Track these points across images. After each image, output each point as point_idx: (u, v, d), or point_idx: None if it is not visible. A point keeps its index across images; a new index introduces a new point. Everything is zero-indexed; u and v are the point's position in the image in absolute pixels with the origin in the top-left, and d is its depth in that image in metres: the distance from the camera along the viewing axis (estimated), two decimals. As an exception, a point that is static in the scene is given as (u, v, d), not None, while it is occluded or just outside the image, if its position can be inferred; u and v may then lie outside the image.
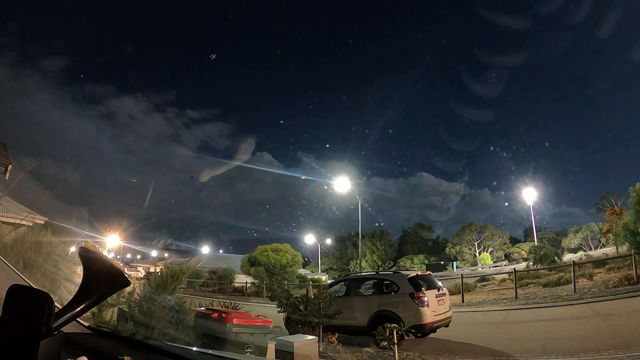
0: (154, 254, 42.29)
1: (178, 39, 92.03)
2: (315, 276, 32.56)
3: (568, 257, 27.28)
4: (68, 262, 6.70)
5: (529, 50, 63.60)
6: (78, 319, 1.32)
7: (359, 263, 29.17)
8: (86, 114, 76.36)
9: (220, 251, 45.21)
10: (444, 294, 8.60)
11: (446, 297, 8.70)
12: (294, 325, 8.13)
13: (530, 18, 56.31)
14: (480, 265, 37.64)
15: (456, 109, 65.40)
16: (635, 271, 13.64)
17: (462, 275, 20.15)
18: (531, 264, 24.51)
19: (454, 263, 39.85)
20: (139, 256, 49.40)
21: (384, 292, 8.55)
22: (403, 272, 9.01)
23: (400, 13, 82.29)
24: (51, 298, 0.89)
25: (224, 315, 6.89)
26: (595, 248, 32.77)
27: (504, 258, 39.06)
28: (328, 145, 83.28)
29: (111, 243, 26.68)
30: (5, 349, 0.86)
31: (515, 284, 15.77)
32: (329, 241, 46.48)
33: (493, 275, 22.55)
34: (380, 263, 42.63)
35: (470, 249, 40.41)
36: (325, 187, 35.14)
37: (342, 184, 24.37)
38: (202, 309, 7.90)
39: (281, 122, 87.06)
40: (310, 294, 9.62)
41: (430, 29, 77.87)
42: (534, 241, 33.33)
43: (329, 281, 23.85)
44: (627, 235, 18.65)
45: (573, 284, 14.47)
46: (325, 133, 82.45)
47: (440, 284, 8.95)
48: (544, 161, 63.25)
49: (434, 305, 7.95)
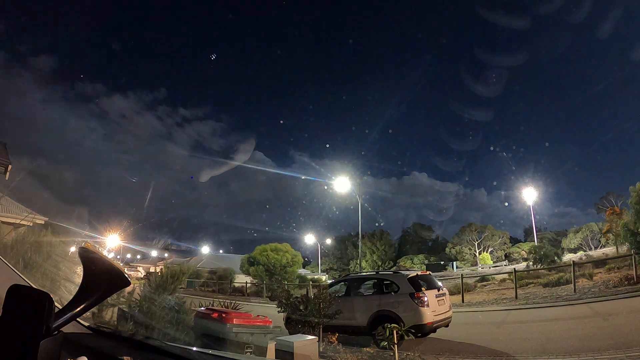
0: (154, 254, 42.33)
1: (178, 39, 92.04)
2: (315, 276, 32.56)
3: (568, 257, 27.29)
4: (68, 262, 6.70)
5: (529, 50, 63.86)
6: (78, 319, 1.32)
7: (359, 263, 29.15)
8: (84, 113, 76.42)
9: (220, 251, 45.32)
10: (444, 294, 8.60)
11: (446, 297, 8.69)
12: (294, 325, 8.13)
13: (530, 18, 56.31)
14: (480, 265, 37.64)
15: (456, 109, 65.56)
16: (635, 271, 13.63)
17: (462, 275, 20.13)
18: (531, 264, 24.51)
19: (454, 263, 39.85)
20: (139, 256, 49.47)
21: (384, 292, 8.55)
22: (403, 272, 9.01)
23: (401, 13, 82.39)
24: (51, 298, 0.89)
25: (224, 315, 6.89)
26: (595, 248, 32.78)
27: (504, 258, 39.07)
28: (328, 145, 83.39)
29: (111, 243, 26.71)
30: (5, 349, 0.85)
31: (515, 284, 15.77)
32: (329, 241, 46.53)
33: (493, 275, 22.53)
34: (380, 263, 42.61)
35: (470, 249, 40.41)
36: (325, 187, 35.16)
37: (342, 184, 24.36)
38: (202, 309, 7.90)
39: (281, 122, 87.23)
40: (310, 294, 9.61)
41: (430, 29, 78.04)
42: (534, 241, 33.33)
43: (329, 281, 23.85)
44: (627, 235, 18.66)
45: (573, 284, 14.47)
46: (325, 133, 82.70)
47: (440, 284, 8.95)
48: (544, 161, 63.36)
49: (434, 305, 7.94)
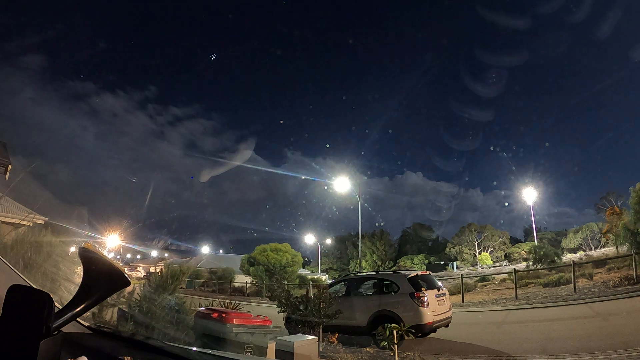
0: (154, 254, 42.32)
1: (178, 40, 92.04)
2: (315, 276, 32.55)
3: (568, 257, 27.29)
4: (68, 262, 6.69)
5: (529, 50, 63.76)
6: (78, 319, 1.32)
7: (359, 263, 29.16)
8: (83, 113, 76.36)
9: (220, 251, 45.30)
10: (444, 294, 8.60)
11: (446, 297, 8.69)
12: (294, 325, 8.13)
13: (530, 18, 56.29)
14: (480, 265, 37.64)
15: (456, 109, 65.57)
16: (635, 271, 13.63)
17: (462, 275, 20.15)
18: (531, 264, 24.51)
19: (454, 263, 39.85)
20: (139, 256, 49.46)
21: (384, 292, 8.55)
22: (403, 272, 9.00)
23: (401, 13, 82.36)
24: (51, 298, 0.89)
25: (224, 315, 6.88)
26: (595, 248, 32.79)
27: (503, 258, 39.07)
28: (328, 145, 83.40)
29: (111, 243, 26.68)
30: (5, 349, 0.85)
31: (515, 284, 15.77)
32: (329, 241, 46.53)
33: (493, 275, 22.53)
34: (380, 263, 42.62)
35: (470, 249, 40.41)
36: (325, 187, 35.19)
37: (342, 184, 24.37)
38: (202, 309, 7.89)
39: (281, 122, 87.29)
40: (310, 294, 9.61)
41: (430, 29, 78.01)
42: (534, 241, 33.34)
43: (329, 281, 23.85)
44: (627, 235, 18.68)
45: (573, 284, 14.47)
46: (325, 133, 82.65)
47: (440, 284, 8.95)
48: (544, 161, 63.38)
49: (434, 305, 7.94)
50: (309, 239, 43.42)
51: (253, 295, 25.34)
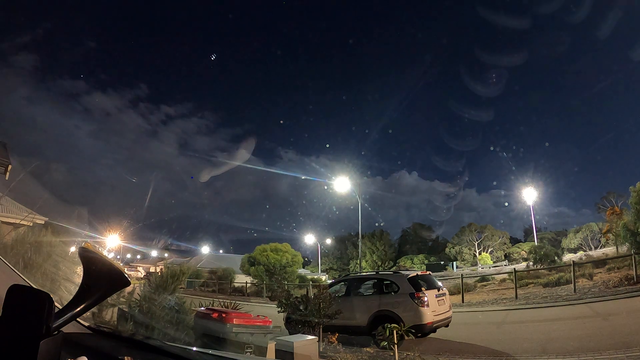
0: (154, 254, 42.33)
1: (179, 40, 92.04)
2: (315, 276, 32.55)
3: (568, 257, 27.28)
4: (68, 262, 6.70)
5: (529, 50, 63.75)
6: (78, 319, 1.32)
7: (359, 263, 29.16)
8: (82, 113, 76.32)
9: (220, 251, 45.28)
10: (444, 294, 8.60)
11: (446, 297, 8.69)
12: (294, 325, 8.13)
13: (530, 18, 56.28)
14: (480, 265, 37.63)
15: (456, 109, 65.56)
16: (635, 271, 13.63)
17: (462, 275, 20.14)
18: (531, 264, 24.51)
19: (454, 263, 39.85)
20: (139, 256, 49.46)
21: (384, 292, 8.54)
22: (403, 272, 9.00)
23: (401, 13, 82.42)
24: (51, 298, 0.89)
25: (224, 315, 6.89)
26: (595, 248, 32.78)
27: (503, 258, 39.06)
28: (328, 145, 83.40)
29: (111, 243, 26.69)
30: (5, 349, 0.85)
31: (515, 284, 15.77)
32: (329, 241, 46.52)
33: (493, 275, 22.53)
34: (380, 263, 42.62)
35: (470, 249, 40.41)
36: (325, 187, 35.19)
37: (342, 184, 24.37)
38: (202, 309, 7.90)
39: (281, 122, 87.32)
40: (310, 294, 9.61)
41: (430, 29, 78.04)
42: (534, 241, 33.34)
43: (329, 281, 23.85)
44: (627, 235, 18.66)
45: (573, 284, 14.47)
46: (325, 133, 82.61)
47: (440, 284, 8.95)
48: (544, 161, 63.40)
49: (434, 305, 7.94)
50: (309, 239, 43.44)
51: (253, 295, 25.34)
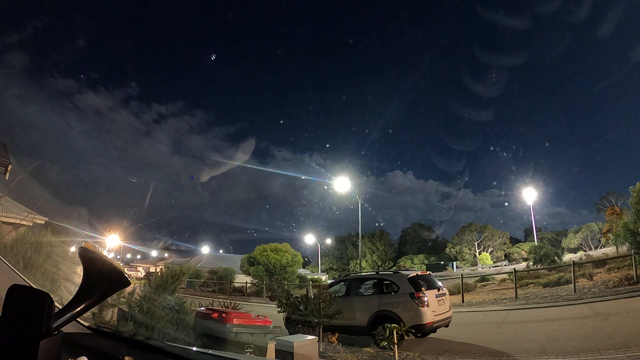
0: (154, 254, 42.33)
1: (179, 40, 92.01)
2: (315, 276, 32.55)
3: (568, 257, 27.28)
4: (68, 262, 6.70)
5: (529, 50, 63.89)
6: (78, 319, 1.32)
7: (359, 263, 29.16)
8: (81, 112, 76.24)
9: (220, 251, 45.30)
10: (444, 294, 8.60)
11: (446, 297, 8.69)
12: (294, 325, 8.13)
13: (530, 18, 56.30)
14: (480, 265, 37.63)
15: (456, 109, 65.55)
16: (635, 271, 13.63)
17: (462, 275, 20.15)
18: (531, 264, 24.50)
19: (454, 263, 39.85)
20: (139, 256, 49.48)
21: (384, 292, 8.54)
22: (403, 272, 8.99)
23: (401, 13, 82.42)
24: (51, 298, 0.89)
25: (224, 315, 6.89)
26: (595, 248, 32.79)
27: (503, 258, 39.06)
28: (328, 145, 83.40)
29: (111, 243, 26.70)
30: (5, 349, 0.85)
31: (515, 284, 15.77)
32: (329, 241, 46.53)
33: (493, 275, 22.54)
34: (380, 263, 42.62)
35: (470, 249, 40.41)
36: (325, 187, 35.20)
37: (342, 184, 24.36)
38: (202, 309, 7.90)
39: (281, 122, 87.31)
40: (310, 294, 9.61)
41: (430, 29, 78.05)
42: (534, 241, 33.33)
43: (329, 281, 23.85)
44: (627, 235, 18.66)
45: (573, 284, 14.47)
46: (325, 133, 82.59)
47: (440, 284, 8.94)
48: (544, 161, 63.41)
49: (434, 305, 7.94)
50: (309, 239, 43.44)
51: (253, 295, 25.34)
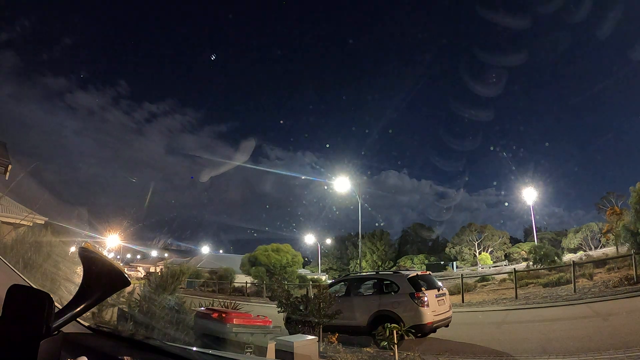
0: (154, 254, 42.34)
1: (179, 40, 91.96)
2: (315, 276, 32.56)
3: (568, 257, 27.28)
4: (68, 262, 6.70)
5: (529, 50, 63.85)
6: (78, 319, 1.32)
7: (359, 263, 29.16)
8: (80, 112, 76.18)
9: (220, 251, 45.33)
10: (444, 294, 8.60)
11: (446, 297, 8.69)
12: (294, 325, 8.13)
13: (530, 18, 56.25)
14: (480, 265, 37.63)
15: (456, 109, 65.61)
16: (635, 271, 13.63)
17: (462, 275, 20.14)
18: (531, 264, 24.51)
19: (454, 263, 39.85)
20: (139, 256, 49.50)
21: (384, 292, 8.54)
22: (403, 272, 8.99)
23: (401, 13, 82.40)
24: (51, 298, 0.89)
25: (224, 315, 6.89)
26: (595, 248, 32.79)
27: (503, 258, 39.07)
28: (328, 145, 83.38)
29: (111, 243, 26.69)
30: (5, 349, 0.86)
31: (515, 284, 15.77)
32: (329, 241, 46.53)
33: (493, 275, 22.54)
34: (380, 263, 42.63)
35: (470, 249, 40.41)
36: (325, 187, 35.22)
37: (342, 184, 24.37)
38: (202, 309, 7.90)
39: (281, 122, 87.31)
40: (310, 294, 9.61)
41: (430, 29, 78.02)
42: (534, 241, 33.32)
43: (329, 281, 23.85)
44: (627, 235, 18.68)
45: (573, 284, 14.47)
46: (325, 133, 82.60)
47: (440, 284, 8.94)
48: (544, 161, 63.43)
49: (434, 305, 7.94)
50: (309, 239, 43.45)
51: (253, 295, 25.34)
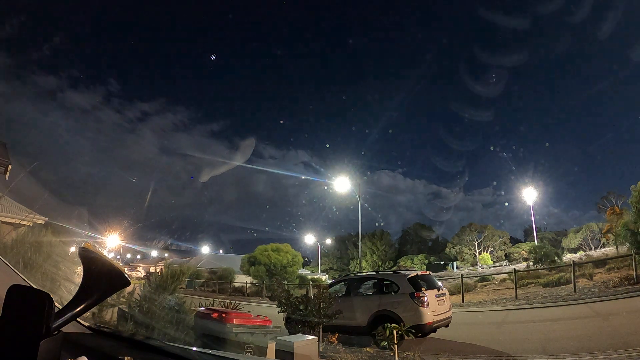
0: (154, 254, 42.34)
1: (179, 40, 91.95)
2: (315, 276, 32.55)
3: (568, 257, 27.29)
4: (68, 262, 6.70)
5: (529, 50, 63.76)
6: (78, 319, 1.32)
7: (359, 263, 29.17)
8: (79, 113, 76.15)
9: (220, 251, 45.28)
10: (444, 294, 8.60)
11: (446, 297, 8.69)
12: (294, 325, 8.13)
13: (530, 18, 56.22)
14: (480, 265, 37.64)
15: (456, 109, 65.56)
16: (635, 271, 13.63)
17: (462, 275, 20.15)
18: (531, 264, 24.52)
19: (454, 263, 39.86)
20: (139, 256, 49.47)
21: (384, 292, 8.54)
22: (403, 272, 8.99)
23: (401, 13, 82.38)
24: (51, 298, 0.89)
25: (224, 315, 6.90)
26: (595, 248, 32.80)
27: (504, 258, 39.08)
28: (328, 145, 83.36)
29: (111, 243, 26.68)
30: (5, 349, 0.86)
31: (515, 284, 15.77)
32: (329, 241, 46.52)
33: (493, 275, 22.54)
34: (380, 263, 42.63)
35: (470, 249, 40.41)
36: (325, 187, 35.22)
37: (342, 184, 24.37)
38: (202, 309, 7.91)
39: (281, 122, 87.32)
40: (310, 294, 9.61)
41: (430, 29, 77.96)
42: (534, 241, 33.33)
43: (329, 281, 23.85)
44: (627, 235, 18.65)
45: (573, 284, 14.46)
46: (325, 133, 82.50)
47: (440, 284, 8.94)
48: (544, 161, 63.43)
49: (434, 305, 7.94)
50: (309, 239, 43.44)
51: (253, 295, 25.34)
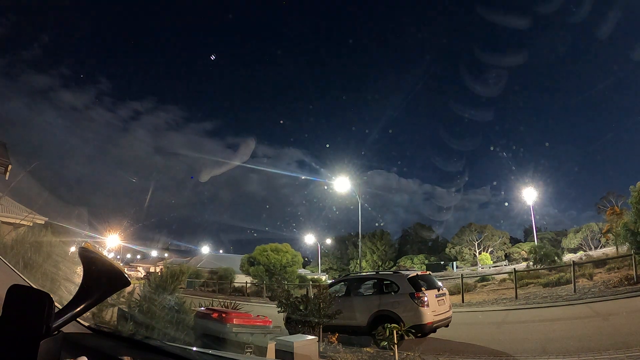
0: (154, 254, 42.37)
1: (179, 40, 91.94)
2: (315, 276, 32.54)
3: (568, 257, 27.29)
4: (68, 262, 6.70)
5: (529, 50, 63.79)
6: (78, 319, 1.32)
7: (359, 263, 29.17)
8: (79, 113, 76.13)
9: (220, 251, 45.23)
10: (444, 294, 8.60)
11: (446, 297, 8.69)
12: (294, 325, 8.13)
13: (530, 18, 56.26)
14: (480, 265, 37.64)
15: (456, 109, 65.53)
16: (635, 271, 13.63)
17: (462, 275, 20.15)
18: (531, 264, 24.50)
19: (454, 263, 39.85)
20: (139, 256, 49.44)
21: (384, 292, 8.54)
22: (403, 272, 9.00)
23: (401, 13, 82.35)
24: (51, 298, 0.90)
25: (224, 315, 6.90)
26: (595, 248, 32.81)
27: (504, 258, 39.08)
28: (328, 145, 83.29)
29: (111, 243, 26.71)
30: (5, 349, 0.86)
31: (515, 284, 15.77)
32: (329, 241, 46.50)
33: (493, 275, 22.53)
34: (380, 263, 42.63)
35: (470, 249, 40.42)
36: (325, 187, 35.22)
37: (342, 184, 24.38)
38: (202, 309, 7.91)
39: (281, 122, 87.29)
40: (310, 294, 9.61)
41: (430, 29, 77.94)
42: (534, 241, 33.33)
43: (329, 281, 23.85)
44: (627, 235, 18.65)
45: (573, 284, 14.46)
46: (325, 133, 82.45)
47: (440, 284, 8.95)
48: (544, 161, 63.43)
49: (434, 305, 7.94)
50: (309, 239, 43.40)
51: (253, 295, 25.34)
